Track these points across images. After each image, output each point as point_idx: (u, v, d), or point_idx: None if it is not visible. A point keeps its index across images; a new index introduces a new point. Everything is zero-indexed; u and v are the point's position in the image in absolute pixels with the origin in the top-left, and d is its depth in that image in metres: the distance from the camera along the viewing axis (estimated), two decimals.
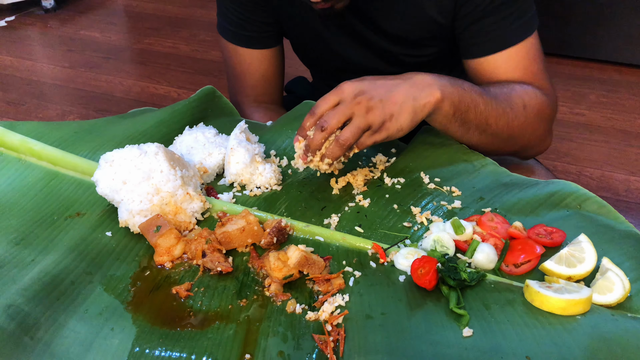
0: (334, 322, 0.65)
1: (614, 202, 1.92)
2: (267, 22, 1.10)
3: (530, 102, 0.93)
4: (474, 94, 0.88)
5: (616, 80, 2.64)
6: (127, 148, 0.80)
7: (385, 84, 0.82)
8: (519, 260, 0.73)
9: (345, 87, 0.82)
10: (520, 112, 0.92)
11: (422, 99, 0.82)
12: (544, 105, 0.95)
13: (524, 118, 0.92)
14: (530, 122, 0.93)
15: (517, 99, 0.92)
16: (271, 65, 1.16)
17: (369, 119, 0.80)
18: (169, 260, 0.74)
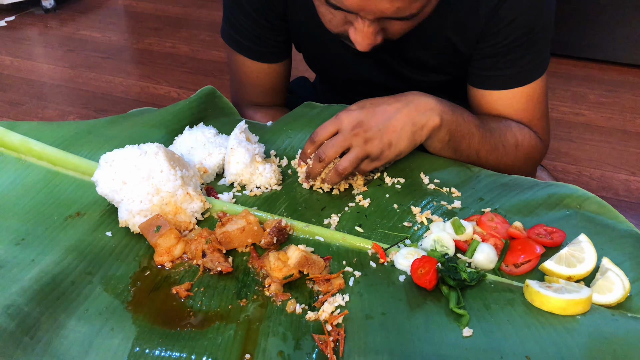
0: (334, 322, 0.65)
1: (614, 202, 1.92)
2: (279, 40, 1.09)
3: (523, 143, 0.96)
4: (472, 126, 0.89)
5: (616, 80, 2.64)
6: (127, 148, 0.80)
7: (384, 110, 0.83)
8: (519, 260, 0.73)
9: (344, 117, 0.83)
10: (512, 151, 0.95)
11: (421, 123, 0.84)
12: (535, 149, 0.99)
13: (514, 157, 0.96)
14: (518, 161, 0.97)
15: (511, 138, 0.95)
16: (279, 77, 1.15)
17: (367, 150, 0.82)
18: (169, 260, 0.74)
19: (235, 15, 1.07)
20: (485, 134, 0.91)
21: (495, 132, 0.93)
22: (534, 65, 0.96)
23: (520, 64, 0.95)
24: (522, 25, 0.92)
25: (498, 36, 0.93)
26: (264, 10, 1.04)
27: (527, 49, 0.94)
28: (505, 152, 0.94)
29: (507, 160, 0.95)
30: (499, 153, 0.93)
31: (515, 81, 0.97)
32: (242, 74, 1.14)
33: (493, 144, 0.92)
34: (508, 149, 0.95)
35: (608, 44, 2.68)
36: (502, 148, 0.94)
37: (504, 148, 0.94)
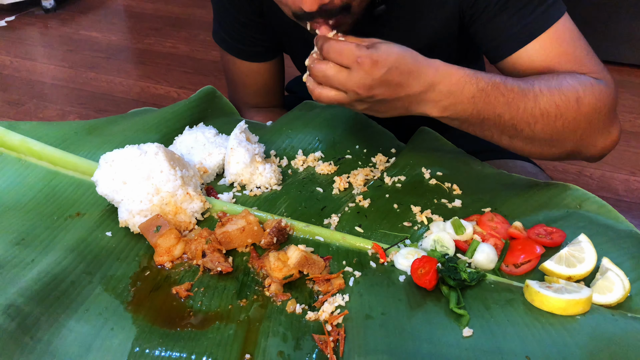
0: (334, 322, 0.65)
1: (614, 202, 1.92)
2: (263, 39, 1.09)
3: (587, 94, 0.80)
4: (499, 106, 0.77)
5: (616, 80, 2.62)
6: (127, 148, 0.80)
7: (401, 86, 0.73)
8: (519, 260, 0.73)
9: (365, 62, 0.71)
10: (572, 108, 0.79)
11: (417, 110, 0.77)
12: (604, 94, 0.82)
13: (576, 114, 0.80)
14: (586, 116, 0.80)
15: (569, 92, 0.80)
16: (271, 76, 1.15)
17: (354, 105, 0.76)
18: (169, 260, 0.74)
19: (221, 14, 1.09)
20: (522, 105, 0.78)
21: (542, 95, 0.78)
22: (542, 12, 0.86)
23: (525, 14, 0.86)
24: None
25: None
26: (243, 8, 1.04)
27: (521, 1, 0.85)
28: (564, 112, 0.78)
29: (566, 121, 0.79)
30: (550, 118, 0.78)
31: (531, 32, 0.86)
32: (234, 75, 1.15)
33: (540, 111, 0.78)
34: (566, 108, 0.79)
35: (608, 44, 2.68)
36: (556, 109, 0.78)
37: (557, 109, 0.78)
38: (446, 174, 0.90)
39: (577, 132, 0.81)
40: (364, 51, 0.71)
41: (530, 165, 1.10)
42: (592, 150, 0.85)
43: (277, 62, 1.15)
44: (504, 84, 0.78)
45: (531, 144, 0.81)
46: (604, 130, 0.83)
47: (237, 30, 1.07)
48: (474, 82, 0.76)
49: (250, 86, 1.15)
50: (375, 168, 0.93)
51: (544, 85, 0.80)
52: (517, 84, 0.79)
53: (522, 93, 0.78)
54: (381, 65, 0.71)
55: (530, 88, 0.79)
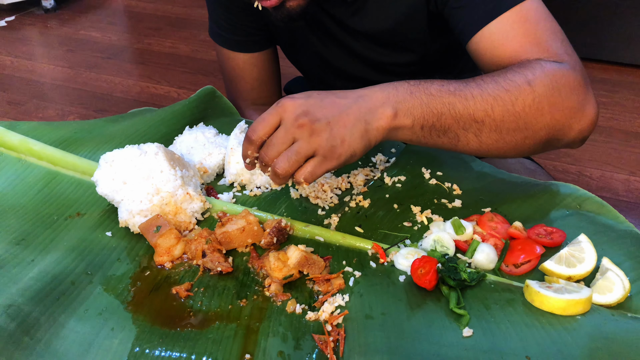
0: (334, 322, 0.65)
1: (614, 202, 1.92)
2: (256, 27, 1.10)
3: (536, 75, 0.77)
4: (446, 95, 0.75)
5: (616, 80, 2.64)
6: (127, 148, 0.80)
7: (334, 103, 0.71)
8: (519, 261, 0.73)
9: (287, 104, 0.70)
10: (525, 90, 0.76)
11: (374, 122, 0.72)
12: (559, 74, 0.78)
13: (532, 95, 0.76)
14: (544, 97, 0.76)
15: (516, 77, 0.77)
16: (265, 68, 1.16)
17: (313, 144, 0.69)
18: (169, 261, 0.74)
19: (214, 8, 1.11)
20: (469, 93, 0.75)
21: (486, 84, 0.76)
22: None
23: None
24: None
25: None
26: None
27: None
28: (515, 96, 0.76)
29: (526, 104, 0.76)
30: (504, 102, 0.75)
31: (500, 5, 0.83)
32: (230, 69, 1.16)
33: (490, 97, 0.75)
34: (517, 92, 0.76)
35: (608, 44, 2.68)
36: (507, 94, 0.75)
37: (509, 93, 0.75)
38: (446, 174, 0.90)
39: (543, 115, 0.77)
40: (278, 101, 0.71)
41: (528, 161, 1.10)
42: (570, 134, 0.80)
43: (270, 52, 1.16)
44: (438, 80, 0.77)
45: (501, 136, 0.77)
46: (574, 111, 0.79)
47: (229, 21, 1.09)
48: (403, 83, 0.75)
49: (246, 79, 1.15)
50: (375, 168, 0.93)
51: (485, 76, 0.78)
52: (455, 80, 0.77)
53: (463, 83, 0.77)
54: (300, 96, 0.71)
55: (470, 80, 0.77)
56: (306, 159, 0.70)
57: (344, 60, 1.08)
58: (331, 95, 0.73)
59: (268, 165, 0.71)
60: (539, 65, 0.78)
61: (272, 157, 0.70)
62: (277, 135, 0.70)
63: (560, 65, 0.79)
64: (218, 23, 1.12)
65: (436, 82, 0.76)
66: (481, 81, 0.77)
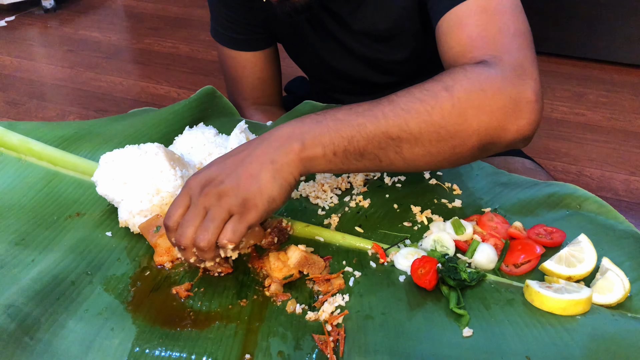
0: (334, 322, 0.65)
1: (614, 202, 1.92)
2: (258, 25, 1.10)
3: (456, 80, 0.72)
4: (354, 117, 0.70)
5: (616, 80, 2.64)
6: (127, 148, 0.80)
7: (236, 160, 0.69)
8: (519, 260, 0.73)
9: (191, 181, 0.68)
10: (442, 97, 0.70)
11: (282, 159, 0.68)
12: (484, 75, 0.72)
13: (451, 101, 0.70)
14: (466, 101, 0.70)
15: (433, 86, 0.72)
16: (266, 67, 1.16)
17: (225, 205, 0.66)
18: (168, 261, 0.74)
19: (214, 5, 1.11)
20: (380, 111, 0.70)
21: (398, 98, 0.71)
22: None
23: None
24: None
25: None
26: None
27: None
28: (432, 105, 0.70)
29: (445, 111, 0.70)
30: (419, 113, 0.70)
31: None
32: (231, 69, 1.16)
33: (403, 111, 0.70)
34: (434, 100, 0.70)
35: (608, 44, 2.68)
36: (421, 104, 0.70)
37: (423, 103, 0.70)
38: (446, 174, 0.90)
39: (467, 121, 0.70)
40: None
41: (528, 161, 1.10)
42: (507, 135, 0.72)
43: (271, 52, 1.16)
44: (348, 105, 0.72)
45: (426, 151, 0.71)
46: (505, 110, 0.71)
47: (231, 19, 1.09)
48: (310, 115, 0.72)
49: (247, 78, 1.15)
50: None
51: (400, 91, 0.73)
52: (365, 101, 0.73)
53: (372, 103, 0.72)
54: (203, 169, 0.69)
55: (382, 99, 0.72)
56: (224, 222, 0.66)
57: (343, 59, 1.08)
58: (232, 154, 0.70)
59: (188, 246, 0.67)
60: (461, 69, 0.73)
61: (189, 236, 0.66)
62: (188, 214, 0.67)
63: (491, 66, 0.73)
64: (219, 22, 1.12)
65: (344, 107, 0.72)
66: (394, 97, 0.72)
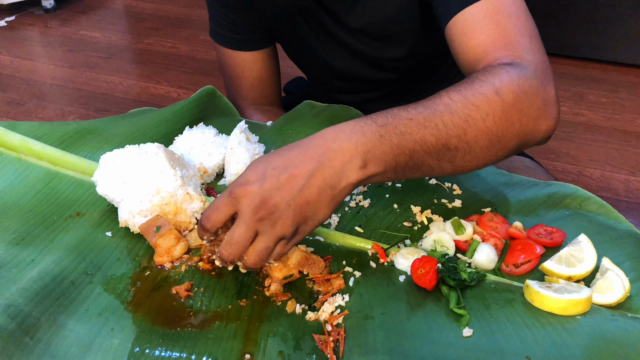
0: (334, 322, 0.65)
1: (614, 202, 1.92)
2: (256, 25, 1.10)
3: (503, 83, 0.73)
4: (416, 129, 0.68)
5: (616, 80, 2.64)
6: (127, 148, 0.80)
7: (293, 178, 0.64)
8: (519, 260, 0.73)
9: (241, 195, 0.64)
10: (494, 102, 0.71)
11: (342, 182, 0.65)
12: (523, 78, 0.74)
13: (501, 106, 0.71)
14: (512, 106, 0.72)
15: (483, 88, 0.72)
16: (265, 67, 1.16)
17: (278, 233, 0.65)
18: (168, 261, 0.74)
19: (212, 6, 1.11)
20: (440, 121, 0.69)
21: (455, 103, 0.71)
22: None
23: None
24: None
25: None
26: None
27: None
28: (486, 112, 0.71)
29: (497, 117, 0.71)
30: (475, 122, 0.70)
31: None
32: (229, 69, 1.16)
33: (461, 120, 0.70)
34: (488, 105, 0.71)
35: (608, 44, 2.68)
36: (477, 111, 0.70)
37: (478, 110, 0.70)
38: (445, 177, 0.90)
39: (513, 125, 0.72)
40: (232, 185, 0.65)
41: (528, 160, 1.10)
42: (539, 135, 0.76)
43: (270, 51, 1.16)
44: (405, 111, 0.70)
45: (476, 157, 0.72)
46: (540, 112, 0.75)
47: (229, 19, 1.09)
48: (370, 123, 0.68)
49: (246, 78, 1.16)
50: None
51: (453, 93, 0.72)
52: (422, 104, 0.71)
53: (431, 110, 0.70)
54: (254, 180, 0.64)
55: (438, 102, 0.71)
56: (272, 248, 0.66)
57: (341, 57, 1.08)
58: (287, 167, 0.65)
59: (229, 260, 0.66)
60: (504, 71, 0.74)
61: (236, 255, 0.66)
62: (237, 233, 0.65)
63: (524, 68, 0.75)
64: (218, 22, 1.12)
65: (404, 114, 0.69)
66: (449, 101, 0.71)
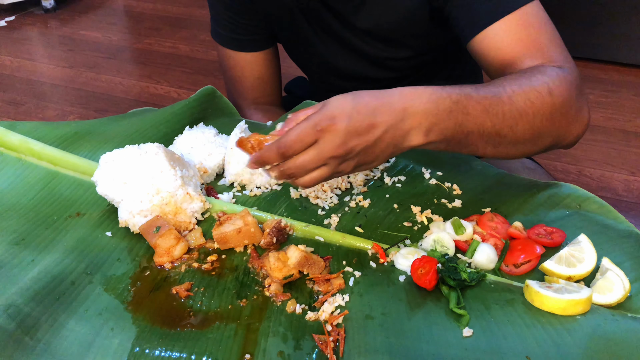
0: (334, 322, 0.65)
1: (614, 202, 1.92)
2: (258, 25, 1.10)
3: (557, 85, 0.78)
4: (480, 113, 0.74)
5: (616, 80, 2.64)
6: (127, 148, 0.80)
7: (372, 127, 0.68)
8: (519, 260, 0.73)
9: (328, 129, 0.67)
10: (546, 102, 0.77)
11: (404, 144, 0.71)
12: (570, 83, 0.80)
13: (551, 108, 0.78)
14: (559, 108, 0.78)
15: (540, 87, 0.77)
16: (266, 67, 1.16)
17: (339, 170, 0.71)
18: (168, 261, 0.74)
19: (214, 6, 1.11)
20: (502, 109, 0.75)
21: (516, 97, 0.76)
22: None
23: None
24: None
25: None
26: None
27: None
28: (537, 110, 0.76)
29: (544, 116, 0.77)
30: (528, 117, 0.76)
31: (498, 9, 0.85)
32: (230, 69, 1.16)
33: (516, 113, 0.76)
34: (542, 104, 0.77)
35: (608, 44, 2.68)
36: (532, 107, 0.76)
37: (533, 107, 0.76)
38: (446, 174, 0.90)
39: (554, 125, 0.79)
40: (317, 116, 0.67)
41: (528, 160, 1.10)
42: (569, 139, 0.82)
43: (271, 52, 1.16)
44: (476, 92, 0.74)
45: (515, 147, 0.79)
46: (575, 117, 0.81)
47: (231, 20, 1.09)
48: (446, 97, 0.72)
49: (247, 78, 1.16)
50: (375, 168, 0.93)
51: (515, 85, 0.77)
52: (489, 89, 0.76)
53: (497, 97, 0.75)
54: (340, 118, 0.67)
55: (502, 91, 0.76)
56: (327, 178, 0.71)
57: (344, 57, 1.08)
58: (371, 115, 0.68)
59: (292, 181, 0.70)
60: (555, 73, 0.79)
61: (298, 176, 0.70)
62: (310, 161, 0.68)
63: (568, 72, 0.81)
64: (219, 23, 1.12)
65: (475, 95, 0.74)
66: (512, 92, 0.76)
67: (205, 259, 0.75)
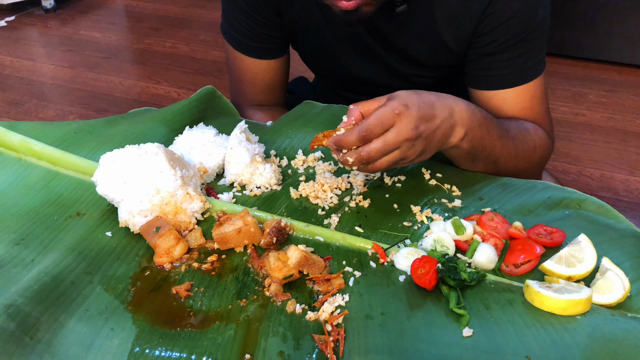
0: (334, 322, 0.65)
1: (614, 202, 1.92)
2: (276, 36, 1.09)
3: (539, 145, 0.96)
4: (495, 138, 0.88)
5: (616, 80, 2.63)
6: (127, 148, 0.80)
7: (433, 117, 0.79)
8: (519, 260, 0.73)
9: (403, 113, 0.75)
10: (530, 155, 0.94)
11: (451, 139, 0.82)
12: (548, 149, 1.00)
13: (530, 160, 0.95)
14: (534, 164, 0.97)
15: (530, 141, 0.95)
16: (277, 74, 1.15)
17: (406, 154, 0.78)
18: (168, 261, 0.74)
19: (231, 11, 1.09)
20: (507, 142, 0.90)
21: (517, 139, 0.92)
22: (533, 63, 0.96)
23: (519, 63, 0.95)
24: (518, 23, 0.92)
25: (493, 35, 0.94)
26: (258, 6, 1.04)
27: (524, 47, 0.94)
28: (524, 157, 0.94)
29: (525, 165, 0.94)
30: (518, 159, 0.92)
31: (517, 80, 0.96)
32: (240, 72, 1.15)
33: (514, 152, 0.91)
34: (527, 154, 0.94)
35: (608, 44, 2.68)
36: (522, 153, 0.93)
37: (523, 153, 0.93)
38: (446, 174, 0.90)
39: (531, 165, 0.96)
40: (393, 102, 0.76)
41: None
42: (535, 173, 1.01)
43: (284, 59, 1.16)
44: (496, 119, 0.89)
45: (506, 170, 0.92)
46: (537, 172, 1.02)
47: (249, 28, 1.08)
48: (477, 111, 0.85)
49: (257, 84, 1.15)
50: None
51: (516, 130, 0.93)
52: (503, 123, 0.91)
53: (507, 131, 0.90)
54: (412, 106, 0.76)
55: (508, 130, 0.91)
56: None
57: (369, 69, 1.09)
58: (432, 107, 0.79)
59: (365, 160, 0.76)
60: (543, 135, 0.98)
61: (375, 159, 0.77)
62: (388, 140, 0.76)
63: (550, 141, 1.01)
64: (234, 26, 1.09)
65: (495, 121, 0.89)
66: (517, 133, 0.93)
67: (205, 259, 0.75)
